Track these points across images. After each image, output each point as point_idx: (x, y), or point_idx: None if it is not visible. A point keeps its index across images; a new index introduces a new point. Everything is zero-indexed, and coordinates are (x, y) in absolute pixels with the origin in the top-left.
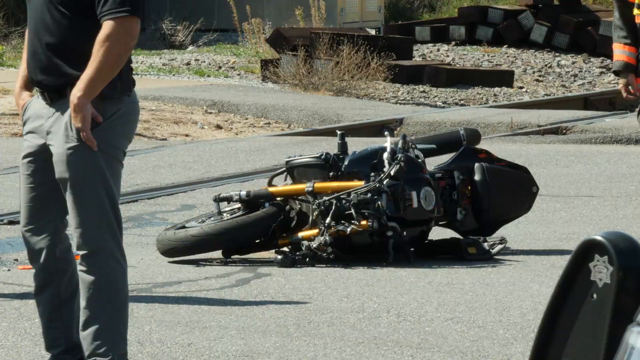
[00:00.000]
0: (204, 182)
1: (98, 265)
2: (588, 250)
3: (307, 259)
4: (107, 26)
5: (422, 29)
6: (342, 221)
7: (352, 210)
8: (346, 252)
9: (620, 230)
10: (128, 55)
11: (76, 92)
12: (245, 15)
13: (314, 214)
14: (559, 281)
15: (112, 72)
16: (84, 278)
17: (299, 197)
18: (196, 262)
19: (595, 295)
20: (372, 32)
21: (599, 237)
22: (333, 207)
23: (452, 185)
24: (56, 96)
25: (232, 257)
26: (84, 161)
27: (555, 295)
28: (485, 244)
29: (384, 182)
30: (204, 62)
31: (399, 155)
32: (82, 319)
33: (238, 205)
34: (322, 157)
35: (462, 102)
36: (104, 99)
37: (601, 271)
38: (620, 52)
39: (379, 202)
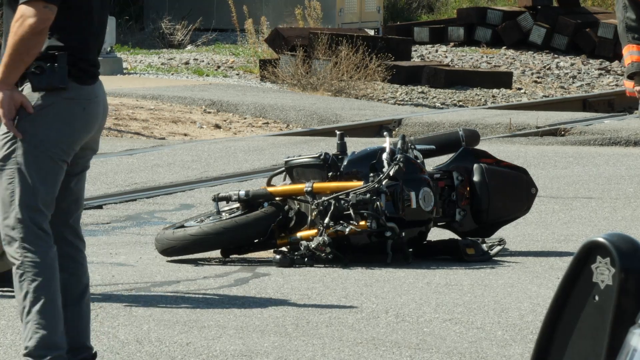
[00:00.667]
0: (202, 181)
1: (14, 255)
2: (590, 251)
3: (306, 259)
4: (17, 11)
5: (421, 29)
6: (341, 221)
7: (351, 211)
8: (345, 253)
9: (622, 232)
10: (36, 39)
11: None
12: (244, 15)
13: (313, 214)
14: (561, 282)
15: (20, 56)
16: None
17: (298, 197)
18: (195, 262)
19: (597, 297)
20: (371, 32)
21: (601, 239)
22: (332, 208)
23: (451, 186)
24: None
25: (230, 256)
26: (5, 148)
27: (557, 296)
28: (484, 245)
29: (383, 183)
30: (203, 61)
31: (398, 155)
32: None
33: (237, 204)
34: (321, 157)
35: (460, 103)
36: (34, 89)
37: (603, 273)
38: (638, 53)
39: (378, 203)
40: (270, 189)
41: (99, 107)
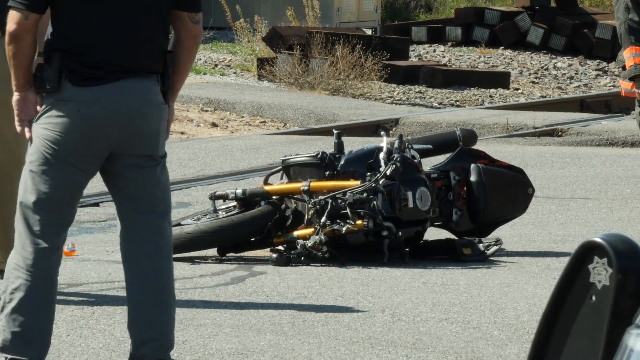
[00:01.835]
0: (199, 179)
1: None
2: (587, 252)
3: (302, 258)
4: None
5: (419, 29)
6: (338, 220)
7: (348, 210)
8: (341, 252)
9: (619, 232)
10: (15, 45)
11: None
12: (241, 13)
13: (310, 213)
14: (558, 282)
15: (11, 61)
16: None
17: (295, 196)
18: (191, 260)
19: (594, 297)
20: (369, 32)
21: (598, 239)
22: (328, 207)
23: (448, 186)
24: None
25: (227, 255)
26: (19, 150)
27: (553, 296)
28: (481, 245)
29: (380, 182)
30: (200, 59)
31: (395, 155)
32: None
33: (234, 203)
34: (319, 156)
35: (457, 103)
36: (35, 91)
37: (600, 273)
38: None
39: (375, 202)
40: (267, 187)
41: (102, 110)
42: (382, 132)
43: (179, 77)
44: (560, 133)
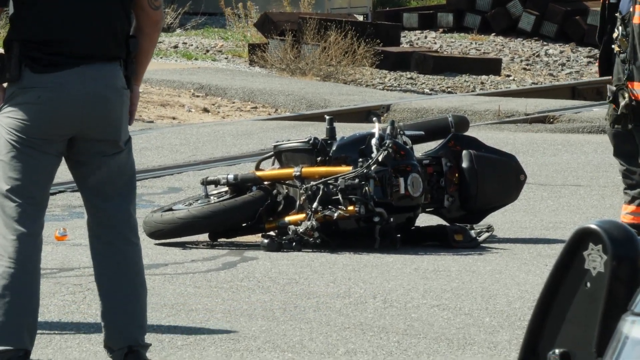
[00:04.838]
0: (191, 165)
1: None
2: (582, 238)
3: (294, 244)
4: None
5: (410, 15)
6: (329, 206)
7: (339, 196)
8: (333, 237)
9: (614, 219)
10: None
11: None
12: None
13: (301, 198)
14: (553, 269)
15: None
16: None
17: (287, 182)
18: (182, 245)
19: (588, 284)
20: (360, 18)
21: (593, 226)
22: (320, 192)
23: (440, 172)
24: None
25: (218, 240)
26: None
27: (548, 283)
28: (472, 231)
29: (372, 168)
30: (192, 45)
31: (387, 141)
32: None
33: (225, 188)
34: (311, 141)
35: (449, 89)
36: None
37: (595, 260)
38: None
39: (367, 188)
40: (258, 173)
41: (63, 95)
42: (374, 118)
43: (141, 62)
44: (551, 120)
